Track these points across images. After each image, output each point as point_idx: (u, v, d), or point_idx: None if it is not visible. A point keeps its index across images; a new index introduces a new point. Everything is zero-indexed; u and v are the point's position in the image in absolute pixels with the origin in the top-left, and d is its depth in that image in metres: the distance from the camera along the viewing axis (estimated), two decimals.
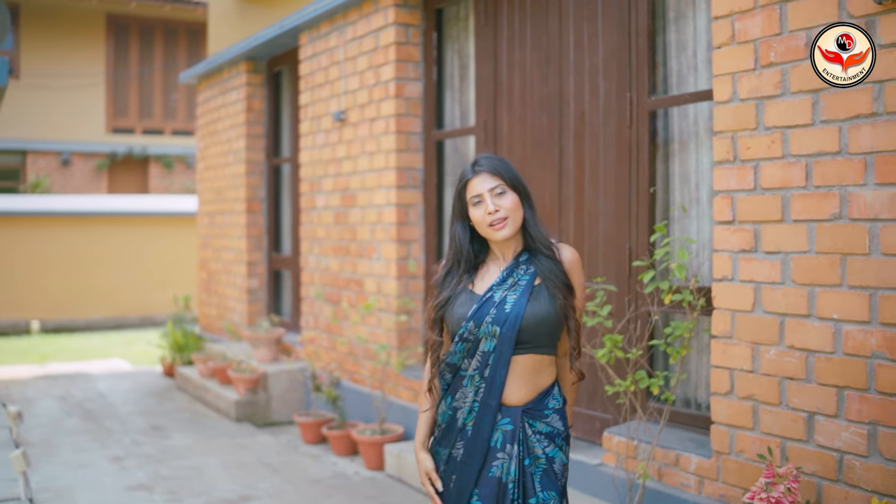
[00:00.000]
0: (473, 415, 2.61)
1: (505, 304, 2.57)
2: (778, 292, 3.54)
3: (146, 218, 15.06)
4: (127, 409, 7.82)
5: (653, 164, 4.48)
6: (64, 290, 14.31)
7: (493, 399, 2.58)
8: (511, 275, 2.62)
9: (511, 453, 2.57)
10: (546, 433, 2.63)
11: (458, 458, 2.63)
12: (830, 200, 3.33)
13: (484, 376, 2.58)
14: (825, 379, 3.38)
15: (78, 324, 14.39)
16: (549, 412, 2.65)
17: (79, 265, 14.44)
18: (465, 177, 2.63)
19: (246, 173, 8.71)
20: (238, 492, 5.37)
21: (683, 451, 4.03)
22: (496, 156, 2.66)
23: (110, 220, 14.81)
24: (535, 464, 2.61)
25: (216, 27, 9.81)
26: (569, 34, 4.91)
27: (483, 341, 2.57)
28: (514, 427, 2.59)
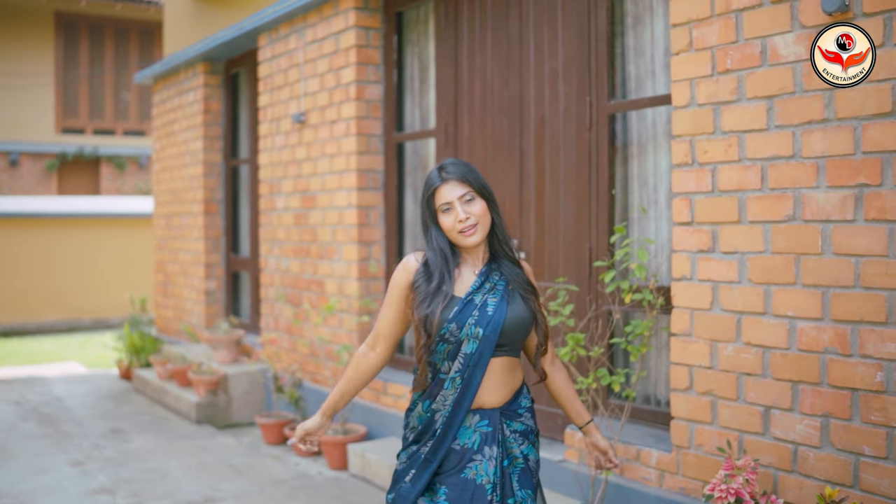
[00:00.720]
0: (447, 415, 2.65)
1: (486, 307, 2.63)
2: (735, 291, 3.66)
3: (98, 219, 14.86)
4: (85, 413, 7.75)
5: (612, 166, 4.59)
6: (14, 293, 14.07)
7: (467, 400, 2.64)
8: (487, 279, 2.69)
9: (490, 455, 2.62)
10: (521, 431, 2.71)
11: (422, 455, 2.68)
12: (785, 202, 3.46)
13: (464, 377, 2.63)
14: (780, 374, 3.51)
15: (29, 327, 14.16)
16: (522, 411, 2.74)
17: (29, 267, 14.21)
18: (432, 184, 2.66)
19: (203, 174, 8.67)
20: (202, 493, 5.38)
21: (644, 446, 4.15)
22: (462, 161, 2.71)
23: (61, 222, 14.59)
24: (514, 464, 2.68)
25: (172, 28, 9.75)
26: (529, 38, 5.01)
27: (465, 343, 2.62)
28: (492, 428, 2.64)
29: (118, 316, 14.15)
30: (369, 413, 6.09)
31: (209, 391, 7.28)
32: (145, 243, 14.23)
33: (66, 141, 17.91)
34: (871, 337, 3.20)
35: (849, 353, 3.28)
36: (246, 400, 7.36)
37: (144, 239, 14.38)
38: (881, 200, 3.15)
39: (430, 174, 2.70)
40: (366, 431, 5.98)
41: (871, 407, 3.22)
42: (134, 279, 14.41)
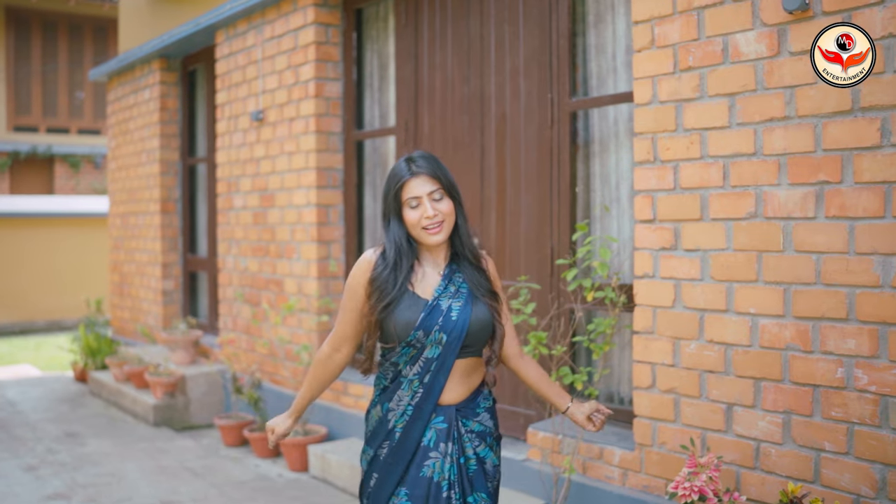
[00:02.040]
0: (405, 418, 2.62)
1: (451, 312, 2.59)
2: (697, 288, 3.67)
3: (52, 219, 14.55)
4: (38, 417, 7.58)
5: (574, 164, 4.58)
6: None
7: (429, 404, 2.61)
8: (451, 281, 2.65)
9: (446, 452, 2.60)
10: (478, 432, 2.67)
11: (382, 459, 2.65)
12: (746, 200, 3.46)
13: (423, 382, 2.60)
14: (743, 371, 3.52)
15: None
16: (480, 410, 2.71)
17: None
18: (401, 176, 2.59)
19: (160, 173, 8.53)
20: (160, 497, 5.28)
21: (607, 445, 4.14)
22: (431, 155, 2.65)
23: (13, 222, 14.27)
24: (468, 463, 2.64)
25: (127, 24, 9.58)
26: (490, 35, 4.98)
27: (428, 348, 2.59)
28: (447, 425, 2.61)
29: (74, 317, 13.88)
30: (329, 414, 6.03)
31: (166, 393, 7.16)
32: (102, 243, 13.98)
33: (18, 139, 17.56)
34: (832, 333, 3.22)
35: (810, 350, 3.29)
36: (204, 401, 7.25)
37: (101, 239, 14.12)
38: (841, 197, 3.16)
39: (399, 166, 2.62)
40: (326, 432, 5.92)
41: (831, 403, 3.24)
42: (90, 280, 14.15)
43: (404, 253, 2.62)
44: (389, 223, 2.64)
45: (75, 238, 14.58)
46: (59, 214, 14.62)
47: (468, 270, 2.67)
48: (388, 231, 2.64)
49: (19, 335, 13.88)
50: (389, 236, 2.64)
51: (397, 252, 2.62)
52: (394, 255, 2.62)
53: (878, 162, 3.06)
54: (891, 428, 3.07)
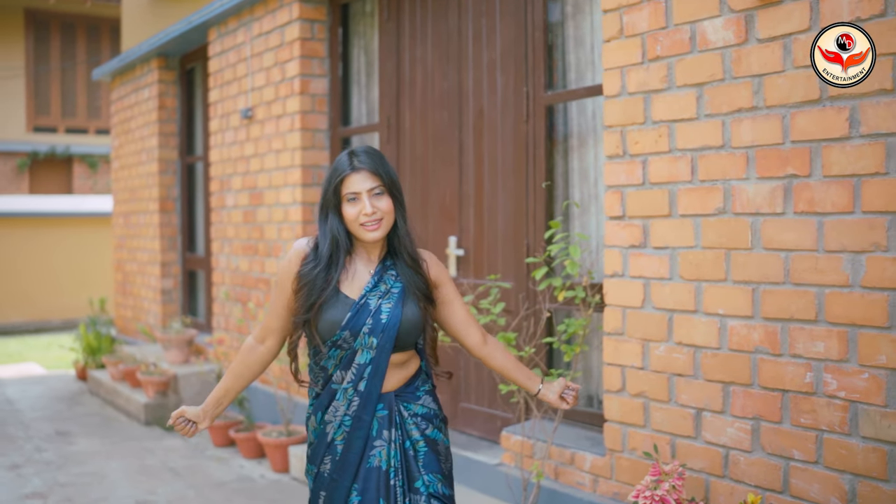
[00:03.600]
0: (344, 429, 2.53)
1: (381, 313, 2.50)
2: (666, 288, 3.51)
3: (69, 219, 14.61)
4: (34, 415, 7.56)
5: (550, 159, 4.44)
6: None
7: (368, 414, 2.52)
8: (382, 280, 2.55)
9: (389, 438, 2.52)
10: (422, 414, 2.60)
11: (326, 475, 2.55)
12: (714, 195, 3.31)
13: (358, 390, 2.51)
14: (712, 375, 3.36)
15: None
16: (420, 393, 2.63)
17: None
18: (342, 171, 2.50)
19: (159, 172, 8.49)
20: (137, 497, 5.20)
21: (579, 450, 3.99)
22: (376, 151, 2.56)
23: (32, 221, 14.35)
24: (416, 447, 2.56)
25: (130, 23, 9.56)
26: (468, 28, 4.85)
27: (359, 353, 2.50)
28: (388, 412, 2.54)
29: (87, 316, 13.92)
30: None
31: (158, 392, 7.10)
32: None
33: (37, 140, 17.69)
34: (801, 336, 3.06)
35: (779, 353, 3.13)
36: (196, 401, 7.17)
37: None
38: (810, 192, 3.00)
39: (341, 159, 2.53)
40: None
41: (800, 409, 3.08)
42: (105, 279, 14.19)
43: (341, 247, 2.52)
44: (327, 217, 2.54)
45: (91, 237, 14.62)
46: (76, 214, 14.68)
47: (404, 270, 2.57)
48: (325, 225, 2.54)
49: (34, 334, 13.95)
50: (325, 231, 2.54)
51: (332, 247, 2.52)
52: (328, 250, 2.52)
53: (847, 154, 2.89)
54: (860, 436, 2.90)
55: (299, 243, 2.59)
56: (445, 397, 5.15)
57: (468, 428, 5.02)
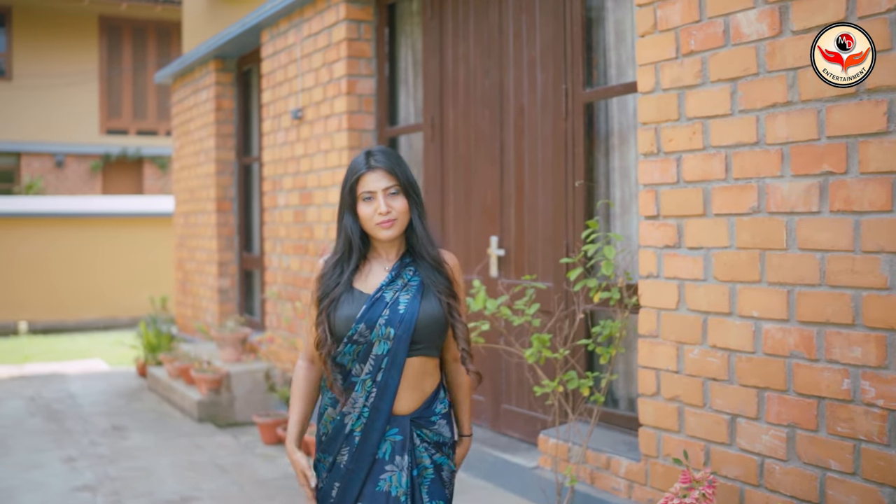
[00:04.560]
0: (362, 420, 2.50)
1: (398, 304, 2.47)
2: (700, 290, 3.41)
3: (140, 219, 14.96)
4: (93, 410, 7.74)
5: (590, 158, 4.36)
6: (55, 291, 14.25)
7: (386, 404, 2.48)
8: (400, 275, 2.52)
9: (401, 465, 2.48)
10: (433, 441, 2.55)
11: (342, 466, 2.52)
12: (749, 193, 3.20)
13: (376, 381, 2.48)
14: (746, 380, 3.25)
15: (68, 325, 14.34)
16: (436, 418, 2.57)
17: (71, 266, 14.38)
18: (358, 170, 2.49)
19: (216, 172, 8.62)
20: (181, 493, 5.27)
21: (615, 454, 3.91)
22: (392, 150, 2.56)
23: (103, 221, 14.74)
24: (423, 474, 2.53)
25: (189, 26, 9.74)
26: (508, 26, 4.80)
27: (376, 344, 2.47)
28: (403, 437, 2.50)
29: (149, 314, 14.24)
30: None
31: (211, 389, 7.20)
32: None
33: (109, 142, 18.17)
34: (838, 340, 2.93)
35: (815, 358, 3.01)
36: (249, 399, 7.26)
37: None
38: (846, 190, 2.88)
39: (357, 159, 2.53)
40: None
41: (837, 417, 2.95)
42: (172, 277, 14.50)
43: (355, 247, 2.52)
44: (344, 218, 2.54)
45: (160, 236, 14.93)
46: (146, 214, 15.01)
47: (426, 269, 2.54)
48: (342, 223, 2.55)
49: (103, 331, 14.31)
50: (341, 229, 2.55)
51: (346, 245, 2.53)
52: (342, 248, 2.53)
53: (885, 150, 2.76)
54: None
55: (322, 259, 2.60)
56: (487, 399, 5.11)
57: (509, 430, 4.96)
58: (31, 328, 14.03)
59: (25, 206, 14.63)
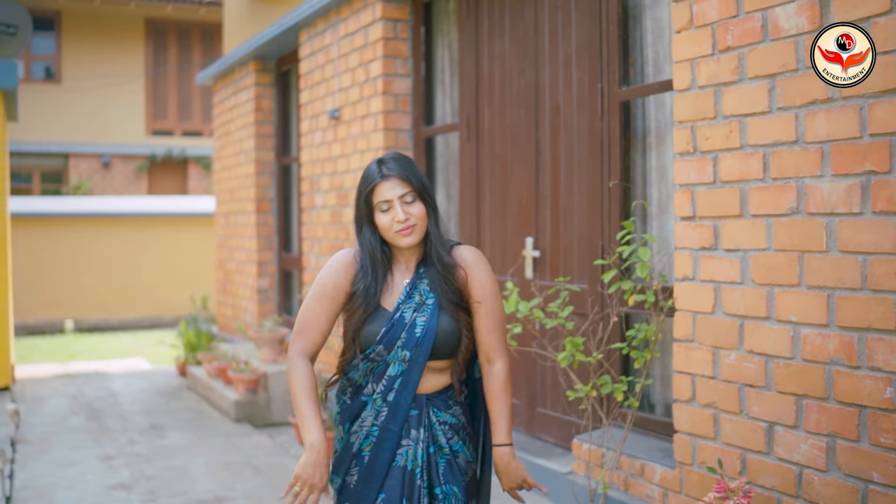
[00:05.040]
0: (371, 440, 2.47)
1: (415, 327, 2.45)
2: (737, 293, 3.31)
3: (184, 219, 15.09)
4: (132, 409, 7.81)
5: (626, 157, 4.26)
6: (101, 290, 14.45)
7: (396, 424, 2.46)
8: (415, 289, 2.50)
9: (416, 438, 2.46)
10: (451, 424, 2.53)
11: (352, 486, 2.48)
12: (787, 193, 3.09)
13: (387, 400, 2.46)
14: (784, 386, 3.14)
15: (112, 323, 14.53)
16: (452, 403, 2.55)
17: (116, 265, 14.56)
18: (372, 180, 2.46)
19: (255, 173, 8.65)
20: (215, 493, 5.28)
21: (649, 461, 3.81)
22: (404, 156, 2.52)
23: (148, 221, 14.90)
24: (440, 453, 2.50)
25: (230, 27, 9.80)
26: (544, 23, 4.72)
27: (391, 365, 2.46)
28: (418, 411, 2.48)
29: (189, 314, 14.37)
30: None
31: (248, 389, 7.22)
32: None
33: (155, 143, 18.41)
34: (880, 346, 2.81)
35: (856, 365, 2.89)
36: (286, 399, 7.26)
37: None
38: (889, 190, 2.76)
39: (369, 169, 2.50)
40: None
41: (880, 427, 2.83)
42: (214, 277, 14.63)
43: (378, 262, 2.49)
44: (362, 229, 2.51)
45: (205, 236, 15.07)
46: (190, 214, 15.13)
47: (435, 278, 2.50)
48: (361, 237, 2.52)
49: (147, 329, 14.48)
50: (363, 244, 2.51)
51: (371, 260, 2.49)
52: (369, 264, 2.49)
53: None
54: None
55: (344, 254, 2.53)
56: (522, 402, 5.04)
57: (544, 434, 4.89)
58: (76, 326, 14.25)
59: (71, 207, 14.86)
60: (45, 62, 18.03)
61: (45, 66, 18.07)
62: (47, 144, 17.77)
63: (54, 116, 17.48)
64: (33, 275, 13.98)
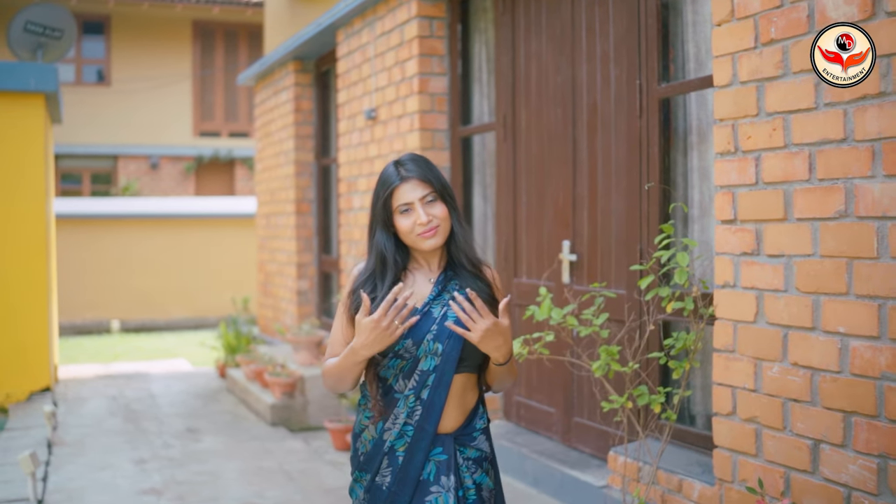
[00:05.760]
0: (405, 439, 2.38)
1: (446, 319, 2.35)
2: (780, 301, 3.11)
3: (229, 219, 15.14)
4: (170, 411, 7.79)
5: (666, 157, 4.07)
6: (147, 291, 14.55)
7: (431, 424, 2.36)
8: (445, 289, 2.42)
9: (447, 486, 2.36)
10: (475, 458, 2.43)
11: (384, 487, 2.39)
12: (835, 195, 2.89)
13: (421, 398, 2.36)
14: (831, 402, 2.94)
15: (158, 324, 14.62)
16: (477, 434, 2.45)
17: (163, 266, 14.66)
18: (391, 183, 2.37)
19: (295, 174, 8.59)
20: (244, 499, 5.19)
21: (687, 476, 3.62)
22: (422, 157, 2.43)
23: (194, 222, 14.98)
24: (467, 494, 2.40)
25: (271, 27, 9.76)
26: (581, 19, 4.55)
27: (423, 360, 2.36)
28: (447, 456, 2.38)
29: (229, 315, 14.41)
30: None
31: (284, 393, 7.14)
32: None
33: (202, 144, 18.53)
34: None
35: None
36: (323, 403, 7.17)
37: None
38: None
39: (387, 171, 2.40)
40: None
41: None
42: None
43: (388, 264, 2.40)
44: (375, 233, 2.42)
45: (250, 237, 15.09)
46: (236, 215, 15.17)
47: (466, 278, 2.43)
48: (372, 241, 2.43)
49: (192, 330, 14.55)
50: (373, 246, 2.43)
51: (380, 263, 2.40)
52: (375, 266, 2.41)
53: None
54: None
55: (358, 267, 2.48)
56: (559, 411, 4.87)
57: (581, 444, 4.71)
58: (123, 327, 14.37)
59: (117, 208, 14.99)
60: (96, 65, 18.26)
61: (97, 70, 18.30)
62: (97, 146, 17.99)
63: (104, 119, 17.69)
64: (81, 275, 14.14)
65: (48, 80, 7.75)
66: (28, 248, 7.88)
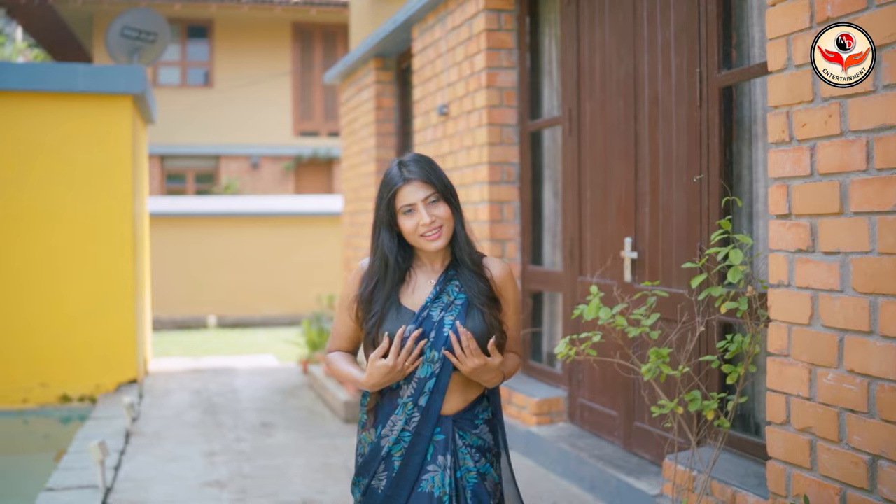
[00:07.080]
0: (402, 445, 2.41)
1: (443, 325, 2.38)
2: (836, 302, 2.87)
3: (325, 217, 15.32)
4: (248, 406, 7.89)
5: (727, 149, 3.84)
6: (244, 287, 14.86)
7: (428, 430, 2.39)
8: (444, 291, 2.43)
9: (444, 465, 2.39)
10: (477, 446, 2.45)
11: (380, 491, 2.43)
12: (894, 187, 2.64)
13: (418, 404, 2.39)
14: (890, 414, 2.69)
15: (254, 320, 14.92)
16: (479, 422, 2.48)
17: (260, 263, 14.95)
18: (394, 184, 2.40)
19: (376, 172, 8.58)
20: (304, 495, 5.18)
21: (741, 489, 3.41)
22: (425, 157, 2.44)
23: (291, 220, 15.23)
24: (466, 477, 2.42)
25: (354, 26, 9.80)
26: (643, 7, 4.35)
27: (420, 367, 2.37)
28: (445, 437, 2.41)
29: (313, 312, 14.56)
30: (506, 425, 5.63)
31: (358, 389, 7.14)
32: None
33: (301, 143, 18.86)
34: None
35: None
36: None
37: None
38: None
39: (390, 172, 2.43)
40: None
41: None
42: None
43: (391, 266, 2.43)
44: (378, 234, 2.45)
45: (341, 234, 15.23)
46: (333, 213, 15.34)
47: (467, 278, 2.44)
48: (376, 241, 2.46)
49: (286, 326, 14.78)
50: (376, 248, 2.46)
51: (382, 264, 2.44)
52: (378, 268, 2.44)
53: None
54: None
55: (361, 263, 2.53)
56: (620, 415, 4.68)
57: (640, 450, 4.51)
58: (219, 322, 14.72)
59: (216, 206, 15.38)
60: (201, 68, 18.82)
61: (204, 72, 18.86)
62: (200, 146, 18.53)
63: (207, 119, 18.20)
64: (181, 272, 14.56)
65: (136, 82, 7.96)
66: (116, 245, 8.10)
